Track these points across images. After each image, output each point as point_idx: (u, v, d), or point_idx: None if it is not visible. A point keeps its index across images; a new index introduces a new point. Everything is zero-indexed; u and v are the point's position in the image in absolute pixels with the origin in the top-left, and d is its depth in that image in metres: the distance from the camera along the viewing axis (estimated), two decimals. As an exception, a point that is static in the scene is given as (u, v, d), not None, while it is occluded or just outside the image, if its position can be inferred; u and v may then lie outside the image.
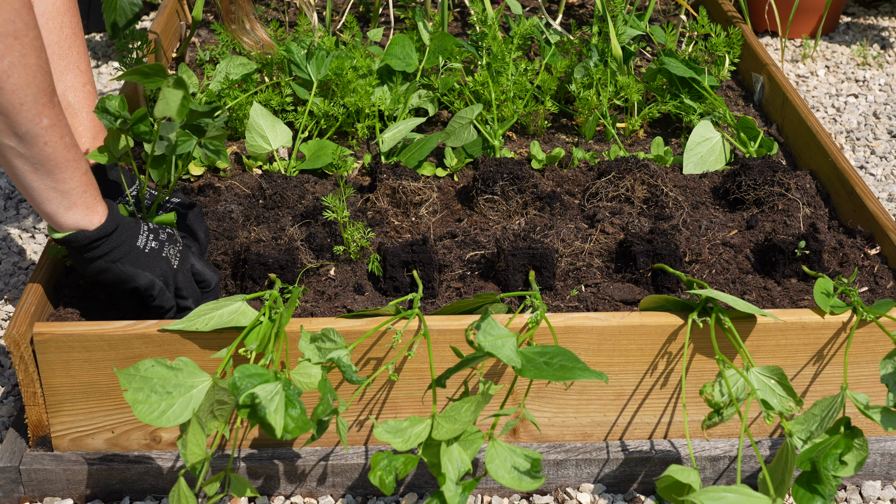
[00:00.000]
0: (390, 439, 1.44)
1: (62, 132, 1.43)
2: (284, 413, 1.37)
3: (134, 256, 1.56)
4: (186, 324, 1.54)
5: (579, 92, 2.28)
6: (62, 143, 1.43)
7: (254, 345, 1.50)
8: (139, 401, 1.39)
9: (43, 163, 1.42)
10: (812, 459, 1.47)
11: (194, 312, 1.55)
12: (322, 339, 1.49)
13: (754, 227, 1.91)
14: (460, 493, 1.43)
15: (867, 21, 3.47)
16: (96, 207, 1.51)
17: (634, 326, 1.60)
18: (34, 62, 1.36)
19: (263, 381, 1.38)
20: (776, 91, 2.37)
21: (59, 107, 1.42)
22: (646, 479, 1.66)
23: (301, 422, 1.38)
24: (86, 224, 1.51)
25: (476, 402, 1.44)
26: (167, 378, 1.41)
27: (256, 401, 1.36)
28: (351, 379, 1.47)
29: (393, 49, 2.34)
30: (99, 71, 3.08)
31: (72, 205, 1.48)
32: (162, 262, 1.59)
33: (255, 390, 1.36)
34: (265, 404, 1.36)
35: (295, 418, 1.38)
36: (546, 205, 1.97)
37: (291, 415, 1.38)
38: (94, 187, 1.51)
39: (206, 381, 1.42)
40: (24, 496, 1.63)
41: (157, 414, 1.39)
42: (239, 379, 1.37)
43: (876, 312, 1.60)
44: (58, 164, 1.44)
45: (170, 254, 1.61)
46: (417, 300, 1.60)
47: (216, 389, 1.43)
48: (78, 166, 1.47)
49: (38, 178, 1.44)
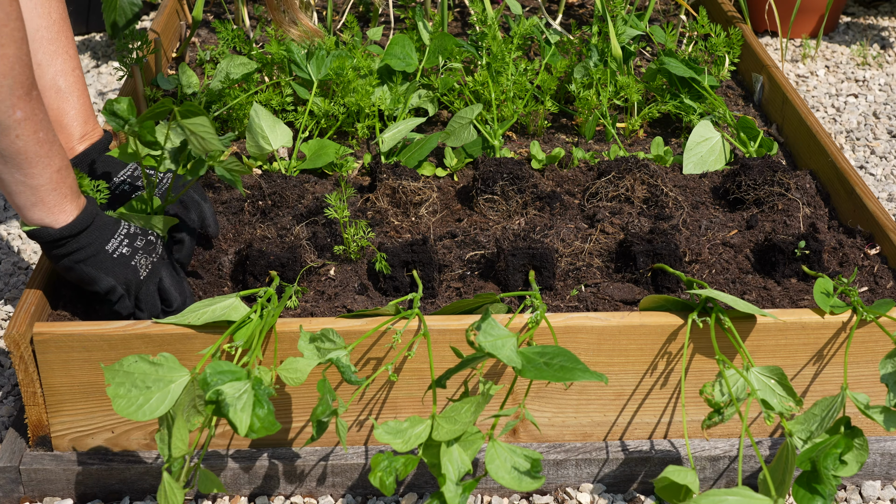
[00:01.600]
0: (391, 440, 1.43)
1: (36, 127, 1.41)
2: (252, 412, 1.37)
3: (100, 260, 1.55)
4: (179, 318, 1.54)
5: (579, 92, 2.28)
6: (34, 137, 1.41)
7: (241, 341, 1.50)
8: (119, 395, 1.40)
9: (13, 156, 1.41)
10: (812, 459, 1.47)
11: (190, 308, 1.55)
12: (321, 340, 1.49)
13: (754, 227, 1.91)
14: (460, 493, 1.43)
15: (867, 21, 3.47)
16: (64, 206, 1.50)
17: (634, 326, 1.60)
18: (12, 53, 1.34)
19: (234, 379, 1.38)
20: (776, 91, 2.37)
21: (37, 101, 1.41)
22: (646, 479, 1.66)
23: (268, 422, 1.37)
24: (51, 222, 1.50)
25: (476, 403, 1.44)
26: (148, 373, 1.41)
27: (220, 398, 1.35)
28: (350, 380, 1.47)
29: (393, 49, 2.34)
30: (99, 70, 3.08)
31: (39, 201, 1.47)
32: (128, 270, 1.58)
33: (223, 387, 1.36)
34: (230, 402, 1.36)
35: (261, 418, 1.37)
36: (546, 205, 1.97)
37: (258, 414, 1.37)
38: (66, 185, 1.49)
39: (185, 376, 1.42)
40: (24, 496, 1.63)
41: (135, 408, 1.39)
42: (210, 375, 1.37)
43: (876, 312, 1.60)
44: (28, 159, 1.42)
45: (140, 263, 1.59)
46: (417, 300, 1.60)
47: (195, 385, 1.43)
48: (49, 163, 1.45)
49: (7, 170, 1.43)
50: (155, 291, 1.62)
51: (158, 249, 1.63)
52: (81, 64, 2.18)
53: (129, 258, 1.58)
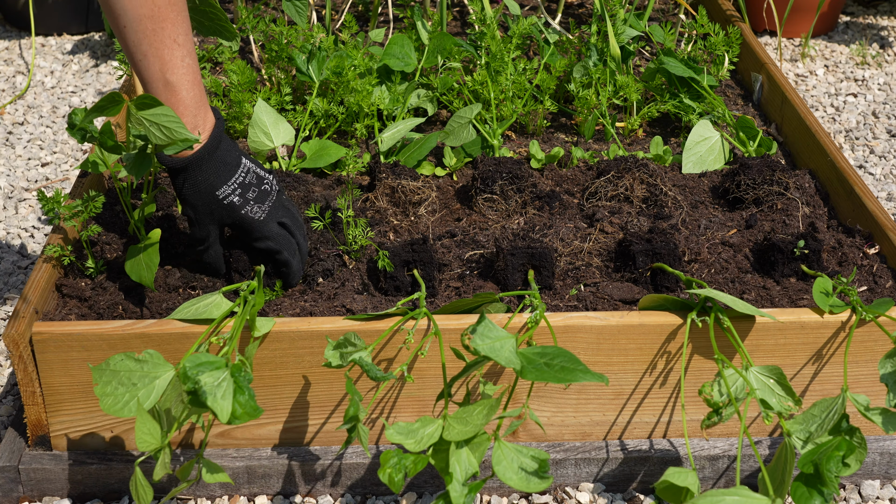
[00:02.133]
0: (402, 440, 1.44)
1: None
2: (233, 399, 1.37)
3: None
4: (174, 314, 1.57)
5: (578, 91, 2.28)
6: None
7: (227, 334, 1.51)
8: (106, 394, 1.41)
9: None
10: (815, 462, 1.46)
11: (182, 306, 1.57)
12: (344, 345, 1.51)
13: (753, 227, 1.91)
14: (465, 493, 1.43)
15: (866, 20, 3.48)
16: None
17: (633, 326, 1.60)
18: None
19: (214, 369, 1.38)
20: (775, 90, 2.37)
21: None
22: (645, 479, 1.66)
23: (249, 407, 1.38)
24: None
25: (489, 406, 1.44)
26: (133, 370, 1.42)
27: (198, 387, 1.36)
28: (376, 377, 1.48)
29: (392, 49, 2.34)
30: (98, 70, 3.08)
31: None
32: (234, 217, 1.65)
33: (201, 377, 1.36)
34: (208, 390, 1.36)
35: (243, 404, 1.38)
36: (545, 204, 1.97)
37: (239, 400, 1.38)
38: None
39: (170, 371, 1.44)
40: (23, 496, 1.63)
41: (121, 405, 1.41)
42: (189, 368, 1.37)
43: (875, 312, 1.60)
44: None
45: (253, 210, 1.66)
46: (423, 300, 1.59)
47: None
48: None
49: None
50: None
51: (273, 196, 1.67)
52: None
53: (239, 208, 1.63)
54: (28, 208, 2.43)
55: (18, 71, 3.09)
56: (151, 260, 1.62)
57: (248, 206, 1.64)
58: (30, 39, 3.25)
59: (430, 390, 1.63)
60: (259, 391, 1.60)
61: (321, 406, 1.63)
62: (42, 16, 3.19)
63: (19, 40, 3.26)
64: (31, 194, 2.48)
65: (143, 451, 1.42)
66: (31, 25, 2.72)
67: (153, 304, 1.67)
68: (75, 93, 2.96)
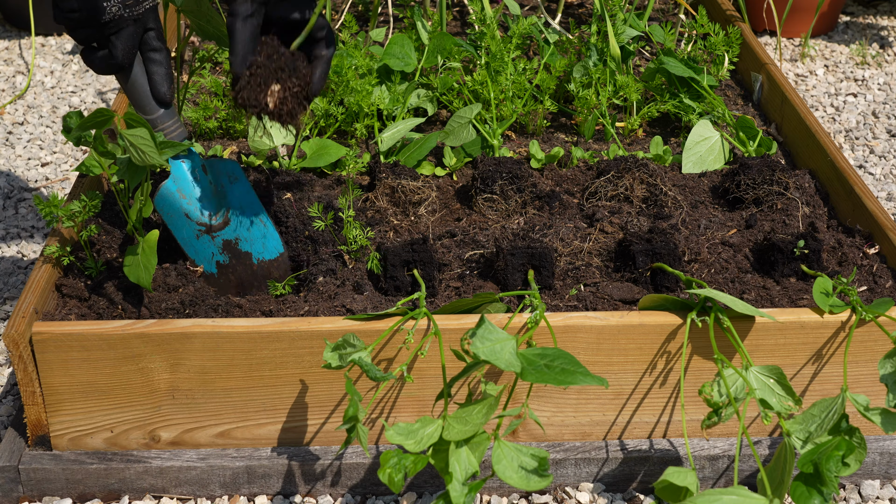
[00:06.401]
0: (402, 441, 1.44)
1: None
2: None
3: None
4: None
5: (578, 91, 2.28)
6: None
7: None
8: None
9: None
10: (814, 461, 1.46)
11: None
12: (343, 346, 1.51)
13: (753, 227, 1.91)
14: (466, 493, 1.43)
15: (866, 20, 3.48)
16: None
17: (633, 326, 1.60)
18: None
19: None
20: (775, 90, 2.37)
21: None
22: (645, 479, 1.66)
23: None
24: None
25: (488, 406, 1.44)
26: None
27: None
28: (375, 377, 1.48)
29: (392, 49, 2.34)
30: (98, 70, 3.08)
31: None
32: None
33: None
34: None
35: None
36: (545, 204, 1.97)
37: None
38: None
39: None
40: (23, 495, 1.63)
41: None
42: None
43: (875, 312, 1.60)
44: None
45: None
46: (423, 300, 1.59)
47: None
48: None
49: None
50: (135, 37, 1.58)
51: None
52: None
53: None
54: (28, 208, 2.43)
55: (18, 71, 3.09)
56: (149, 261, 1.62)
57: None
58: (30, 39, 3.25)
59: (430, 390, 1.63)
60: (259, 391, 1.60)
61: (321, 406, 1.63)
62: (42, 16, 3.19)
63: (19, 40, 3.26)
64: (38, 191, 2.49)
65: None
66: (31, 25, 2.72)
67: (153, 303, 1.67)
68: (75, 93, 2.96)
